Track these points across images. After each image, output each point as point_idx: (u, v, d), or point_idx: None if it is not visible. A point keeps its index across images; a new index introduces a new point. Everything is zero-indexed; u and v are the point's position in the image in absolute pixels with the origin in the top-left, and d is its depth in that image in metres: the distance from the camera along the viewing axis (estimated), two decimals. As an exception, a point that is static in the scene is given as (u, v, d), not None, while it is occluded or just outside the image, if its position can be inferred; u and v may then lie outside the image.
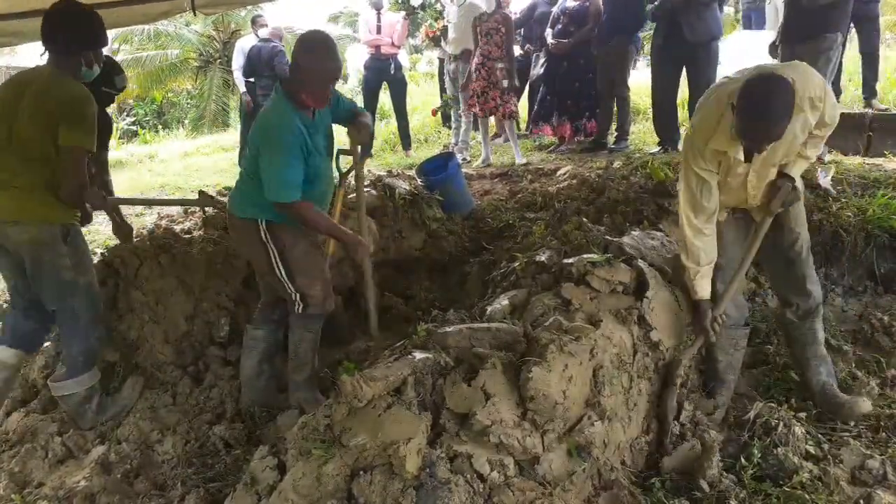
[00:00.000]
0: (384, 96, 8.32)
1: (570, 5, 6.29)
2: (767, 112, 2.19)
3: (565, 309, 2.55)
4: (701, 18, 5.16)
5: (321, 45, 2.66)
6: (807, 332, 2.78)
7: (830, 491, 2.23)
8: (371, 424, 1.92)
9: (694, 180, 2.51)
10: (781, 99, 2.19)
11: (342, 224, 3.94)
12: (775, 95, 2.19)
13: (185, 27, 15.91)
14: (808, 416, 2.65)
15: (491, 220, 4.51)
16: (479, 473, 1.84)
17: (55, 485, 2.59)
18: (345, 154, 3.85)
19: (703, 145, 2.46)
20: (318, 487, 1.83)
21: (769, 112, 2.19)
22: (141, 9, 4.59)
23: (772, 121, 2.20)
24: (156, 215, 5.93)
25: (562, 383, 2.10)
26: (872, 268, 3.61)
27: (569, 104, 6.50)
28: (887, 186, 3.90)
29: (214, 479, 2.57)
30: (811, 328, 2.77)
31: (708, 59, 5.32)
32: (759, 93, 2.21)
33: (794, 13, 4.54)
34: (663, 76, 5.60)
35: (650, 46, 5.79)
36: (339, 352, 3.39)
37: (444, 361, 2.19)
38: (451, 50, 6.91)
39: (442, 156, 5.17)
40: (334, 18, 21.11)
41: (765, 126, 2.21)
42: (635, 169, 4.53)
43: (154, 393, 3.17)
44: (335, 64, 2.67)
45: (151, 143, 14.27)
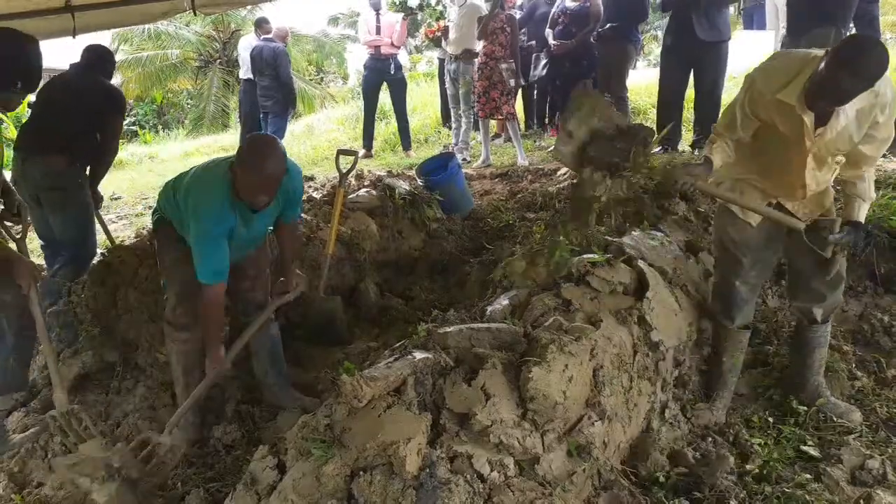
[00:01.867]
0: (384, 96, 8.33)
1: (570, 6, 6.30)
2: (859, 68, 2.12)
3: (565, 309, 2.55)
4: (710, 19, 5.16)
5: (252, 155, 2.51)
6: (821, 337, 2.77)
7: (830, 491, 2.23)
8: (371, 424, 1.92)
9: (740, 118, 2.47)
10: (877, 62, 2.14)
11: (342, 224, 3.96)
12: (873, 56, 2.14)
13: (185, 27, 15.91)
14: (808, 415, 2.65)
15: (491, 220, 4.51)
16: (479, 473, 1.84)
17: (55, 485, 2.59)
18: (344, 154, 3.87)
19: (770, 94, 2.35)
20: (318, 487, 1.83)
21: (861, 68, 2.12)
22: (140, 9, 4.59)
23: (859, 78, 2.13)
24: (156, 215, 5.93)
25: (562, 383, 2.10)
26: (872, 268, 3.60)
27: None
28: (887, 186, 3.90)
29: (214, 479, 2.57)
30: (825, 333, 2.77)
31: (716, 60, 5.32)
32: (857, 49, 2.17)
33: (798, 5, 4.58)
34: (671, 75, 5.59)
35: (661, 46, 5.79)
36: (338, 352, 3.39)
37: (444, 361, 2.18)
38: (452, 50, 6.91)
39: (442, 156, 5.18)
40: (334, 20, 21.15)
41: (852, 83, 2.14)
42: (635, 169, 4.52)
43: (154, 393, 3.16)
44: (259, 177, 2.48)
45: (151, 143, 14.27)
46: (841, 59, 2.13)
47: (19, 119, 13.25)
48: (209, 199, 2.58)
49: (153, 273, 3.43)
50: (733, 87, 7.54)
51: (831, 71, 2.14)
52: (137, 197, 7.32)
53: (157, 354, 3.30)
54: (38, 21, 4.24)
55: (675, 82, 5.59)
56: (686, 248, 3.38)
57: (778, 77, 2.34)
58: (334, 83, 20.39)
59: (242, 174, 2.50)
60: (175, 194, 2.74)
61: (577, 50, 6.29)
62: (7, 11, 4.08)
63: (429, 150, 7.80)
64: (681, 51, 5.37)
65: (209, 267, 2.58)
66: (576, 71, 6.39)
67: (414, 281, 4.17)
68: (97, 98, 3.83)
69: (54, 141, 3.66)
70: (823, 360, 2.81)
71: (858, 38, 2.27)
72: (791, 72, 2.31)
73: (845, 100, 2.20)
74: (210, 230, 2.56)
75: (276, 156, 2.53)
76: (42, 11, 4.14)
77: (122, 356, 3.34)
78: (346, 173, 3.49)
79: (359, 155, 3.87)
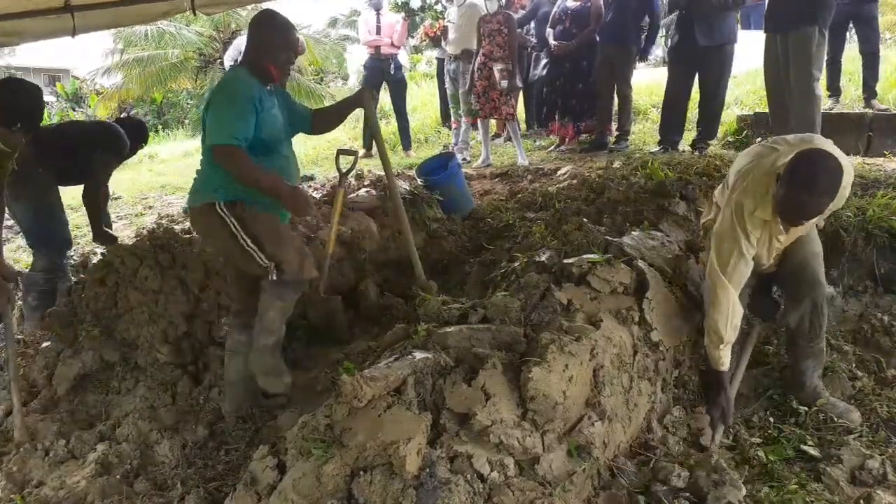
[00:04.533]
0: (384, 96, 8.33)
1: (571, 6, 6.30)
2: (816, 188, 2.23)
3: (565, 309, 2.55)
4: (714, 22, 5.16)
5: (280, 18, 2.76)
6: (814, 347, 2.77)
7: (830, 491, 2.23)
8: (371, 424, 1.92)
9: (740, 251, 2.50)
10: (831, 177, 2.24)
11: (342, 224, 3.96)
12: (826, 173, 2.24)
13: (185, 27, 15.90)
14: (808, 415, 2.65)
15: (491, 220, 4.50)
16: (479, 473, 1.84)
17: (55, 485, 2.59)
18: (344, 154, 3.86)
19: (757, 214, 2.48)
20: (318, 487, 1.83)
21: (817, 188, 2.23)
22: (140, 9, 4.59)
23: (818, 197, 2.24)
24: (156, 215, 5.94)
25: (562, 383, 2.10)
26: (872, 268, 3.60)
27: (573, 104, 6.51)
28: (887, 186, 3.90)
29: (214, 479, 2.57)
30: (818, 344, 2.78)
31: (721, 63, 5.33)
32: (809, 168, 2.25)
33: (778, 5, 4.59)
34: (676, 77, 5.61)
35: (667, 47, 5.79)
36: (338, 352, 3.39)
37: (444, 361, 2.18)
38: (452, 50, 6.91)
39: (442, 156, 5.18)
40: (333, 22, 21.18)
41: (812, 202, 2.25)
42: (635, 169, 4.53)
43: (154, 393, 3.17)
44: (291, 34, 2.76)
45: (152, 143, 14.25)
46: (798, 182, 2.25)
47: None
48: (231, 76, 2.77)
49: (153, 273, 3.43)
50: (733, 87, 7.56)
51: (792, 195, 2.27)
52: (137, 197, 7.32)
53: (157, 354, 3.30)
54: (38, 21, 4.24)
55: (679, 84, 5.59)
56: (686, 248, 3.38)
57: (754, 198, 2.48)
58: (334, 83, 20.39)
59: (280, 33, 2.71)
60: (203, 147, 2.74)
61: (577, 50, 6.28)
62: (7, 11, 4.08)
63: (429, 150, 7.80)
64: (685, 53, 5.38)
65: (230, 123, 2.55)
66: (576, 71, 6.39)
67: (414, 281, 4.16)
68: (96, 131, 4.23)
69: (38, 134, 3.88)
70: (820, 365, 2.80)
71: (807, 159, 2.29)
72: (764, 190, 2.45)
73: (815, 216, 2.39)
74: (234, 90, 2.63)
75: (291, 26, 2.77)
76: (42, 11, 4.14)
77: (122, 356, 3.34)
78: (346, 173, 3.49)
79: (359, 155, 3.87)
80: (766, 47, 4.74)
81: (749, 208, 2.47)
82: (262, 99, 2.68)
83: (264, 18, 2.79)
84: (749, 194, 2.49)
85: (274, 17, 2.79)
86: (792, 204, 2.30)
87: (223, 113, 2.60)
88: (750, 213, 2.47)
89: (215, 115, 2.61)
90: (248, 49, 2.77)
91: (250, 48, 2.76)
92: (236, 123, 2.56)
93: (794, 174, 2.26)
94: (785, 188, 2.29)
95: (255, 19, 2.81)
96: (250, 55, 2.75)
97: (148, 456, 2.76)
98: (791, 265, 2.75)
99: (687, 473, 2.18)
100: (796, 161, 2.30)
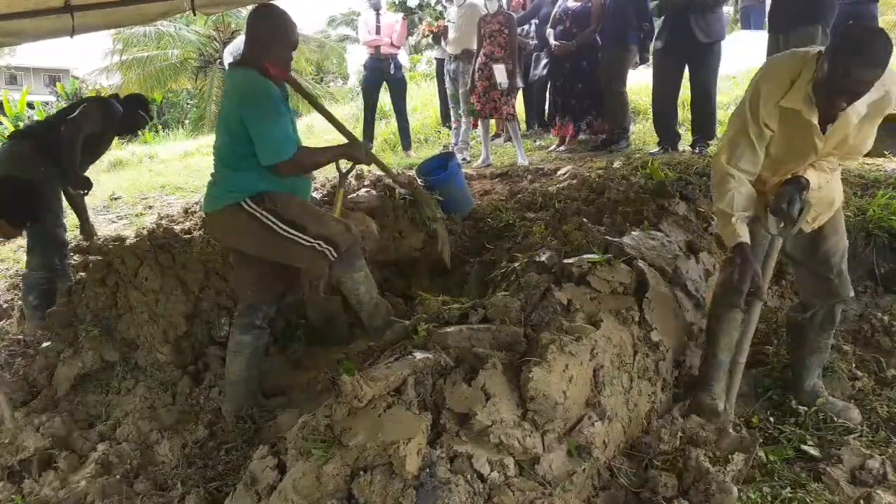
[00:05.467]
0: (384, 96, 8.33)
1: (572, 6, 6.29)
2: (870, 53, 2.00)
3: (565, 309, 2.55)
4: (709, 19, 5.17)
5: (280, 14, 2.72)
6: (821, 342, 2.74)
7: (831, 491, 2.23)
8: (371, 424, 1.92)
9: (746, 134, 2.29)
10: (886, 45, 2.02)
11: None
12: (881, 40, 2.02)
13: (185, 28, 15.92)
14: (808, 415, 2.65)
15: (491, 220, 4.50)
16: (479, 473, 1.84)
17: (55, 485, 2.59)
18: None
19: (773, 103, 2.24)
20: (318, 487, 1.83)
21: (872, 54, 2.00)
22: (140, 9, 4.58)
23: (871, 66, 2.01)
24: (156, 215, 5.93)
25: (562, 383, 2.10)
26: (872, 268, 3.61)
27: (573, 104, 6.51)
28: (887, 186, 3.90)
29: (214, 479, 2.57)
30: (826, 340, 2.74)
31: (710, 60, 5.34)
32: (863, 34, 2.06)
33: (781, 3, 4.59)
34: (666, 76, 5.60)
35: (652, 47, 5.79)
36: (338, 352, 3.39)
37: (444, 361, 2.18)
38: (452, 50, 6.91)
39: (442, 156, 5.17)
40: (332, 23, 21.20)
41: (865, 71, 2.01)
42: (635, 169, 4.53)
43: (154, 393, 3.17)
44: (293, 30, 2.73)
45: (152, 143, 14.27)
46: (850, 49, 2.03)
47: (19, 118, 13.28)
48: (252, 83, 2.64)
49: (153, 273, 3.43)
50: (731, 88, 7.56)
51: (842, 65, 2.02)
52: (137, 197, 7.31)
53: (157, 354, 3.30)
54: (38, 20, 4.24)
55: (669, 82, 5.60)
56: (686, 248, 3.38)
57: (782, 81, 2.24)
58: (334, 83, 20.40)
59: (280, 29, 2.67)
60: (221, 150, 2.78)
61: (578, 50, 6.28)
62: (7, 11, 4.07)
63: (429, 150, 7.80)
64: (674, 52, 5.38)
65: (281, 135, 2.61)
66: (576, 71, 6.39)
67: (414, 281, 4.17)
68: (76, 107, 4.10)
69: None
70: (822, 363, 2.80)
71: (858, 27, 2.17)
72: (790, 75, 2.22)
73: (863, 91, 2.09)
74: (268, 100, 2.61)
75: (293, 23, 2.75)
76: (42, 11, 4.14)
77: (122, 356, 3.34)
78: (346, 173, 3.48)
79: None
80: (769, 47, 4.74)
81: (772, 95, 2.23)
82: (282, 98, 2.70)
83: (261, 15, 2.73)
84: (772, 79, 2.26)
85: (270, 13, 2.74)
86: (839, 73, 2.03)
87: (269, 127, 2.59)
88: (774, 101, 2.22)
89: (260, 132, 2.59)
90: (248, 47, 2.69)
91: (249, 47, 2.69)
92: (285, 133, 2.62)
93: (846, 40, 2.04)
94: (833, 59, 2.04)
95: (252, 15, 2.76)
96: (251, 54, 2.68)
97: (148, 456, 2.76)
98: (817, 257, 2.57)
99: (675, 482, 2.16)
100: (847, 29, 2.12)
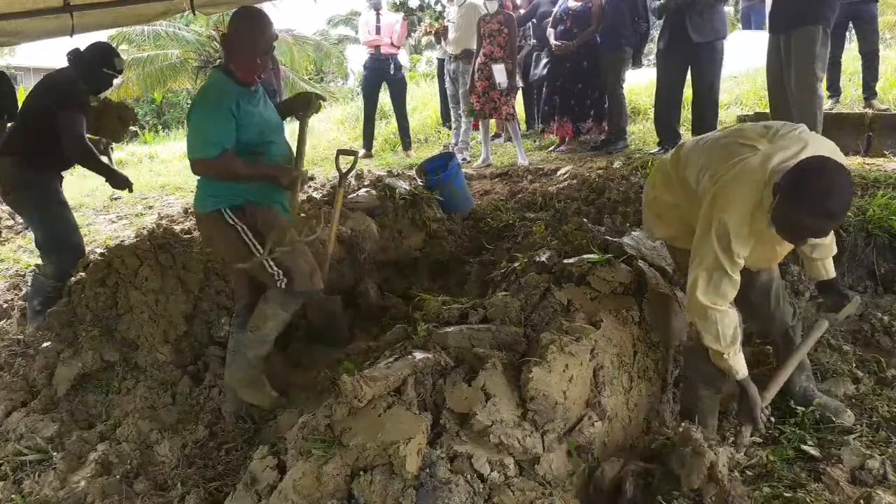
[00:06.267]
0: (384, 96, 8.33)
1: (573, 6, 6.30)
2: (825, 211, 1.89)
3: (565, 309, 2.55)
4: (706, 18, 5.16)
5: (248, 17, 2.70)
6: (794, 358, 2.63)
7: (831, 491, 2.23)
8: (371, 424, 1.92)
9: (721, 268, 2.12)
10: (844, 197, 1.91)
11: (342, 224, 3.96)
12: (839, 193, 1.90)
13: (184, 28, 15.91)
14: (807, 415, 2.64)
15: (491, 220, 4.51)
16: (479, 473, 1.84)
17: (55, 485, 2.59)
18: (344, 154, 3.86)
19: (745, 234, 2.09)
20: (318, 487, 1.83)
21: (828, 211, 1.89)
22: (139, 8, 4.59)
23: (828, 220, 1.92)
24: (156, 215, 5.94)
25: (562, 383, 2.10)
26: (872, 268, 3.60)
27: (572, 104, 6.51)
28: (887, 186, 3.90)
29: (214, 479, 2.57)
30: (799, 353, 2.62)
31: (712, 60, 5.33)
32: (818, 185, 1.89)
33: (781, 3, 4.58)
34: (667, 76, 5.60)
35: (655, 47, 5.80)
36: (338, 352, 3.39)
37: (444, 361, 2.18)
38: (452, 50, 6.91)
39: (442, 156, 5.18)
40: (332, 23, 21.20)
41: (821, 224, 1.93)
42: (635, 169, 4.54)
43: (154, 393, 3.16)
44: (263, 36, 2.68)
45: (152, 143, 14.27)
46: (804, 202, 1.88)
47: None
48: (209, 82, 2.74)
49: (153, 273, 3.43)
50: (733, 87, 7.56)
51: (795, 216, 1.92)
52: (137, 197, 7.31)
53: (157, 354, 3.30)
54: (37, 20, 4.24)
55: (671, 82, 5.59)
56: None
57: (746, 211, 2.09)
58: (334, 83, 20.40)
59: (243, 32, 2.65)
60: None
61: (578, 50, 6.28)
62: (7, 11, 4.08)
63: (429, 150, 7.80)
64: (676, 52, 5.38)
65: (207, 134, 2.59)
66: (576, 71, 6.39)
67: (414, 281, 4.17)
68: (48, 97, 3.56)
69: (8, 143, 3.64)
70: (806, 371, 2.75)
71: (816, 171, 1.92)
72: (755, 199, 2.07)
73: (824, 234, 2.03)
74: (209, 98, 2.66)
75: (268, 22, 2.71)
76: (41, 11, 4.14)
77: (122, 356, 3.33)
78: (346, 173, 3.48)
79: (359, 155, 3.87)
80: (769, 47, 4.74)
81: (738, 230, 2.08)
82: (240, 102, 2.65)
83: (235, 18, 2.73)
84: (735, 211, 2.08)
85: (243, 17, 2.72)
86: (795, 225, 1.96)
87: (196, 126, 2.65)
88: (742, 235, 2.08)
89: (190, 129, 2.66)
90: (223, 49, 2.77)
91: (224, 49, 2.76)
92: (212, 133, 2.59)
93: (800, 190, 1.89)
94: (787, 205, 1.92)
95: (230, 18, 2.77)
96: (224, 56, 2.75)
97: (148, 456, 2.75)
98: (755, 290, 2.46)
99: None
100: (801, 174, 1.93)
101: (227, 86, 2.66)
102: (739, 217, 2.08)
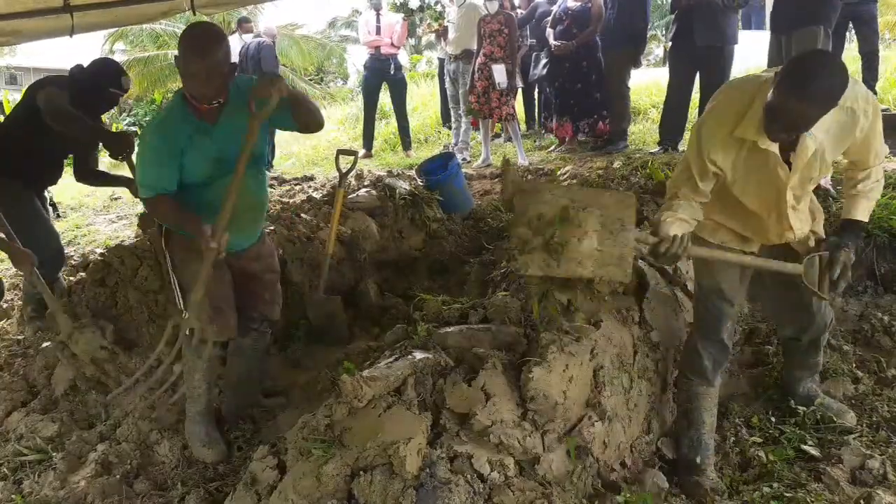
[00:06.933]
0: (384, 96, 8.33)
1: (572, 6, 6.29)
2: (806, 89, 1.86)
3: (565, 309, 2.55)
4: (713, 22, 5.15)
5: (185, 40, 2.32)
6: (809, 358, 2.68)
7: (831, 491, 2.23)
8: (371, 424, 1.92)
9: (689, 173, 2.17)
10: (828, 81, 1.87)
11: (342, 224, 3.96)
12: (823, 76, 1.87)
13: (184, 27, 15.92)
14: (807, 415, 2.65)
15: (491, 220, 4.51)
16: (480, 473, 1.84)
17: (55, 485, 2.59)
18: (344, 154, 3.87)
19: (727, 132, 2.09)
20: (318, 487, 1.83)
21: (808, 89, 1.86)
22: (140, 9, 4.59)
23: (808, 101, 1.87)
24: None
25: (562, 383, 2.10)
26: (872, 268, 3.60)
27: (571, 104, 6.51)
28: (887, 186, 3.90)
29: (214, 479, 2.57)
30: (815, 356, 2.68)
31: (720, 64, 5.31)
32: (805, 67, 1.92)
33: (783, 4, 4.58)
34: (677, 77, 5.61)
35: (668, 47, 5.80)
36: (338, 352, 3.39)
37: (444, 361, 2.19)
38: (452, 50, 6.91)
39: (442, 156, 5.18)
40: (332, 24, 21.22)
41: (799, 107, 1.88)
42: (635, 169, 4.53)
43: (154, 393, 3.15)
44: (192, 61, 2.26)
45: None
46: (789, 84, 1.89)
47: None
48: (160, 115, 2.62)
49: (153, 273, 3.43)
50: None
51: (780, 98, 1.91)
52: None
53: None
54: (37, 20, 4.24)
55: (681, 84, 5.60)
56: (686, 248, 3.37)
57: (729, 113, 2.10)
58: (334, 83, 20.41)
59: (180, 57, 2.28)
60: None
61: (577, 50, 6.28)
62: (7, 11, 4.08)
63: (429, 150, 7.80)
64: (685, 54, 5.38)
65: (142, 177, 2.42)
66: (576, 71, 6.39)
67: (414, 281, 4.17)
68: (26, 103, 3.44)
69: None
70: (816, 368, 2.75)
71: (805, 60, 1.97)
72: (742, 104, 2.08)
73: (802, 127, 1.98)
74: (149, 141, 2.46)
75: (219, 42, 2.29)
76: (41, 11, 4.14)
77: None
78: (346, 173, 3.49)
79: (359, 155, 3.88)
80: (771, 47, 4.73)
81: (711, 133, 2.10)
82: (194, 137, 2.37)
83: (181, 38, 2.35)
84: (712, 117, 2.14)
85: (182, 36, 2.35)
86: (777, 108, 1.92)
87: (139, 157, 2.47)
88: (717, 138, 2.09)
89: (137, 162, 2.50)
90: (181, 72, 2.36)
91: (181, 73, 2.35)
92: (145, 178, 2.42)
93: (789, 72, 1.91)
94: (775, 90, 1.92)
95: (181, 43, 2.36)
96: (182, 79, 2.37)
97: (148, 456, 2.75)
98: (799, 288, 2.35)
99: None
100: (796, 59, 2.00)
101: (181, 118, 2.38)
102: (715, 121, 2.13)
